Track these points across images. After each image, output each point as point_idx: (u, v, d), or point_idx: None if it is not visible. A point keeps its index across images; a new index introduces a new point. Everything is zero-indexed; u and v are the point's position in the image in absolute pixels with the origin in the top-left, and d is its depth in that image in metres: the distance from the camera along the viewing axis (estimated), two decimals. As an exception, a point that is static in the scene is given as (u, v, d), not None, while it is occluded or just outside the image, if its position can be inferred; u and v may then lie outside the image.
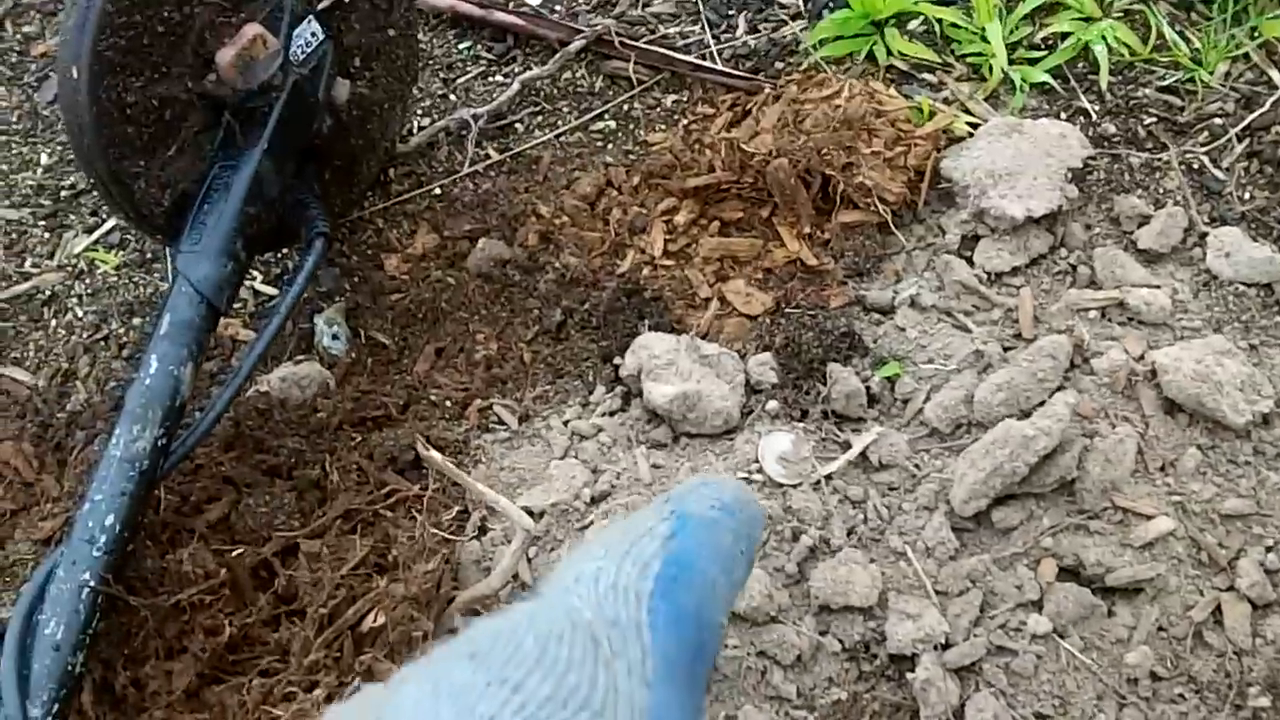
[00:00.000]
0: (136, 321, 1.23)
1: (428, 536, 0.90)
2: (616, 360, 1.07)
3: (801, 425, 0.99)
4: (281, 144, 1.08)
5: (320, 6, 1.09)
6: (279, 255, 1.26)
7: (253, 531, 0.95)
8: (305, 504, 0.98)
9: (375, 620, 0.83)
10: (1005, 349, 1.01)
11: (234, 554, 0.91)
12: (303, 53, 1.07)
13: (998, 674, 0.85)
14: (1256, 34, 1.19)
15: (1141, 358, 0.98)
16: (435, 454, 0.97)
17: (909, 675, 0.85)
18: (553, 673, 0.42)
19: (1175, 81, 1.20)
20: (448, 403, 1.08)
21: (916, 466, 0.96)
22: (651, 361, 1.02)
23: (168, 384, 0.94)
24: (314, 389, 1.09)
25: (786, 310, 1.07)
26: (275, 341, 1.15)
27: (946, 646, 0.86)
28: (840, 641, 0.88)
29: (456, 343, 1.12)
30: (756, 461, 0.96)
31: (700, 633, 0.47)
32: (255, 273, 1.25)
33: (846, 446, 0.98)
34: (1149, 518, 0.89)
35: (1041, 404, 0.95)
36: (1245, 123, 1.16)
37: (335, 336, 1.14)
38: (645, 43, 1.33)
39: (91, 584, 0.86)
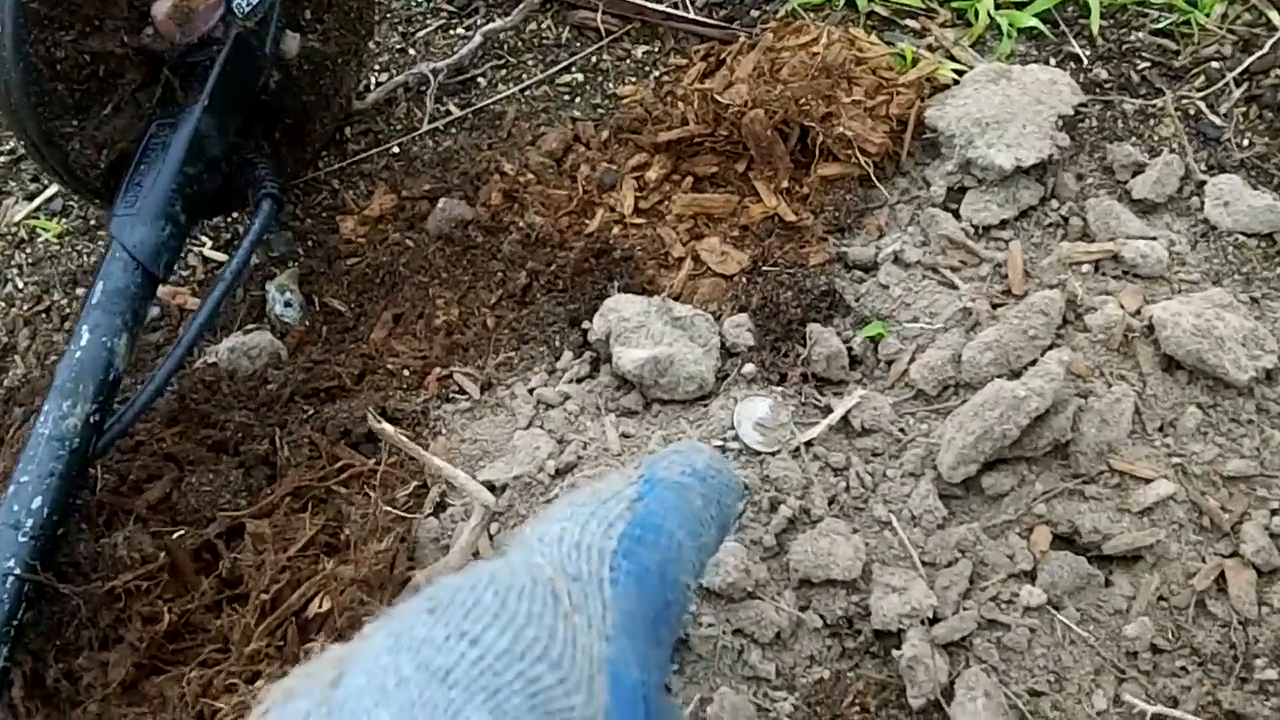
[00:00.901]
0: (80, 292, 1.16)
1: (381, 514, 0.84)
2: (584, 324, 1.01)
3: (780, 389, 0.94)
4: (225, 101, 1.01)
5: (263, -48, 1.02)
6: (229, 220, 1.19)
7: (195, 512, 0.89)
8: (253, 481, 0.92)
9: (321, 605, 0.77)
10: (994, 306, 0.95)
11: (174, 536, 0.85)
12: (247, 4, 1.00)
13: (989, 649, 0.80)
14: (1255, -28, 1.14)
15: (1138, 312, 0.93)
16: (388, 427, 0.91)
17: (895, 652, 0.79)
18: (511, 626, 0.42)
19: (1170, 24, 1.14)
20: (406, 372, 1.02)
21: (902, 431, 0.90)
22: (621, 325, 0.96)
23: (100, 356, 0.88)
24: (264, 359, 1.03)
25: (764, 269, 1.01)
26: (224, 310, 1.10)
27: (934, 621, 0.81)
28: (822, 617, 0.82)
29: (415, 308, 1.06)
30: (732, 428, 0.91)
31: (664, 591, 0.48)
32: (204, 238, 1.18)
33: (827, 411, 0.93)
34: (1148, 481, 0.84)
35: (1033, 363, 0.90)
36: (1243, 66, 1.10)
37: (288, 304, 1.08)
38: (613, -9, 1.26)
39: (17, 572, 0.80)
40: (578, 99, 1.21)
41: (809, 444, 0.90)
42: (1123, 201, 1.01)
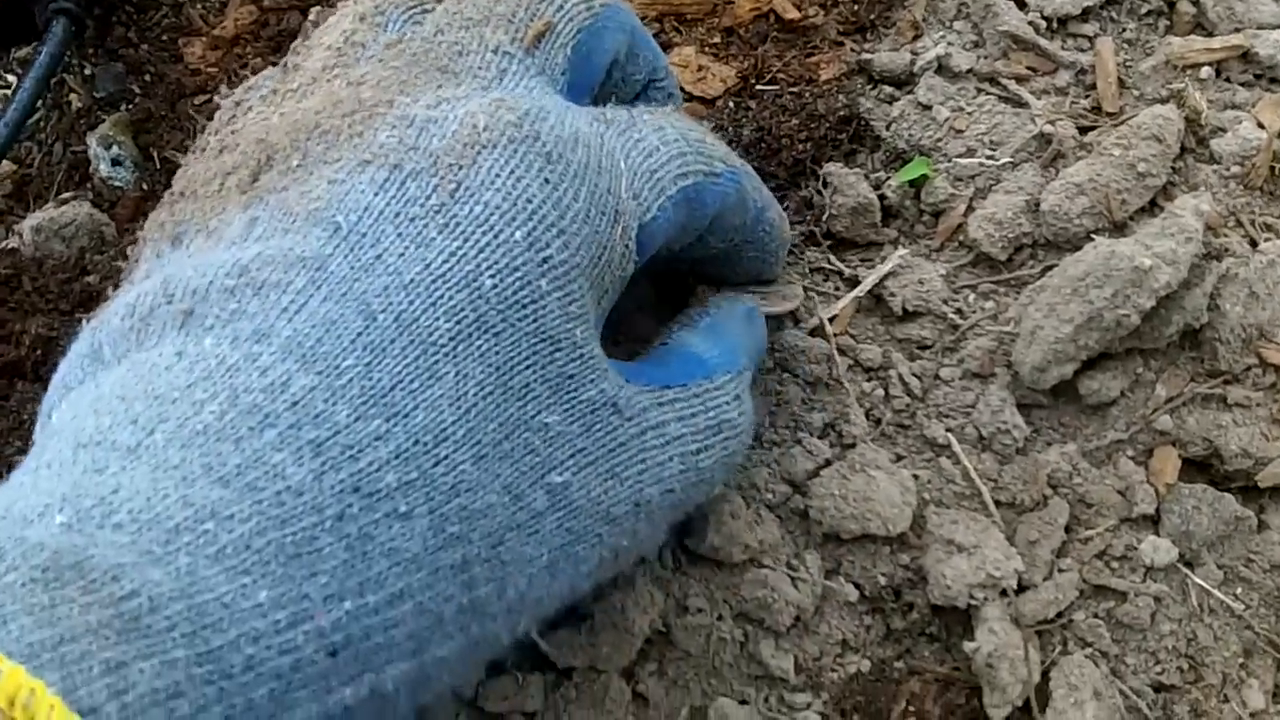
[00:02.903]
0: None
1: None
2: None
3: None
4: None
5: None
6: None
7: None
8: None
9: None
10: (1082, 130, 0.68)
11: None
12: None
13: (1097, 628, 0.57)
14: None
15: (1283, 133, 0.66)
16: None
17: (967, 644, 0.56)
18: None
19: None
20: (276, 250, 0.75)
21: (959, 313, 0.65)
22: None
23: None
24: (84, 240, 0.76)
25: (758, 88, 0.73)
26: (32, 174, 0.82)
27: (1019, 591, 0.57)
28: (858, 587, 0.59)
29: (286, 161, 0.78)
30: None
31: None
32: None
33: (854, 284, 0.67)
34: (1316, 377, 0.59)
35: (1144, 210, 0.64)
36: None
37: (117, 161, 0.80)
38: None
39: None
40: None
41: (832, 321, 0.65)
42: (1251, -25, 0.73)
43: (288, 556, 0.34)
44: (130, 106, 0.84)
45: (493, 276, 0.39)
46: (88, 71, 0.85)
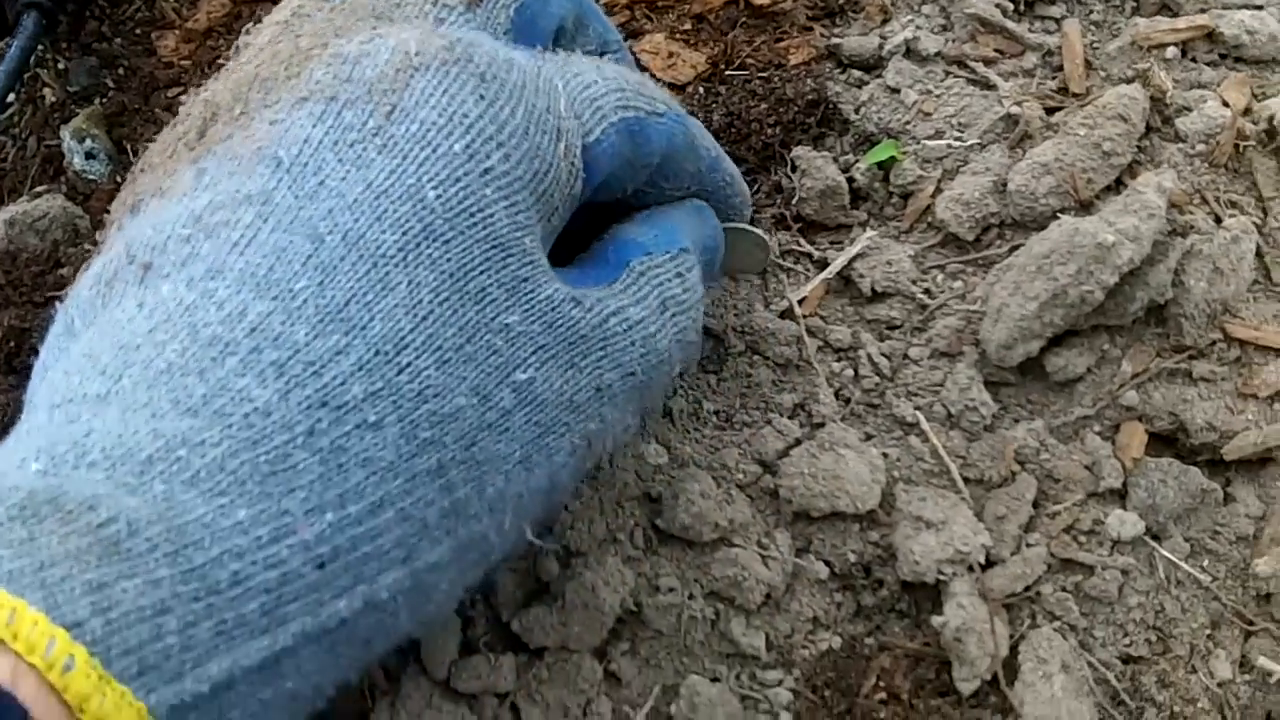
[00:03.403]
0: None
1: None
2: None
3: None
4: None
5: None
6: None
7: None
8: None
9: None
10: (1049, 111, 0.68)
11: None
12: None
13: (1065, 601, 0.57)
14: None
15: (1248, 111, 0.67)
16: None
17: (935, 618, 0.56)
18: None
19: None
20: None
21: (927, 293, 0.65)
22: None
23: None
24: (58, 233, 0.76)
25: (728, 73, 0.74)
26: (7, 167, 0.82)
27: (987, 566, 0.58)
28: (828, 564, 0.59)
29: (260, 152, 0.78)
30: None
31: None
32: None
33: (823, 266, 0.67)
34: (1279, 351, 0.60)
35: (1110, 189, 0.64)
36: None
37: (91, 154, 0.80)
38: None
39: None
40: None
41: (800, 303, 0.65)
42: (1215, -43, 0.73)
43: (263, 475, 0.35)
44: (104, 100, 0.84)
45: (436, 188, 0.40)
46: (61, 65, 0.85)
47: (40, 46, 0.80)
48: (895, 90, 0.71)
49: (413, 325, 0.38)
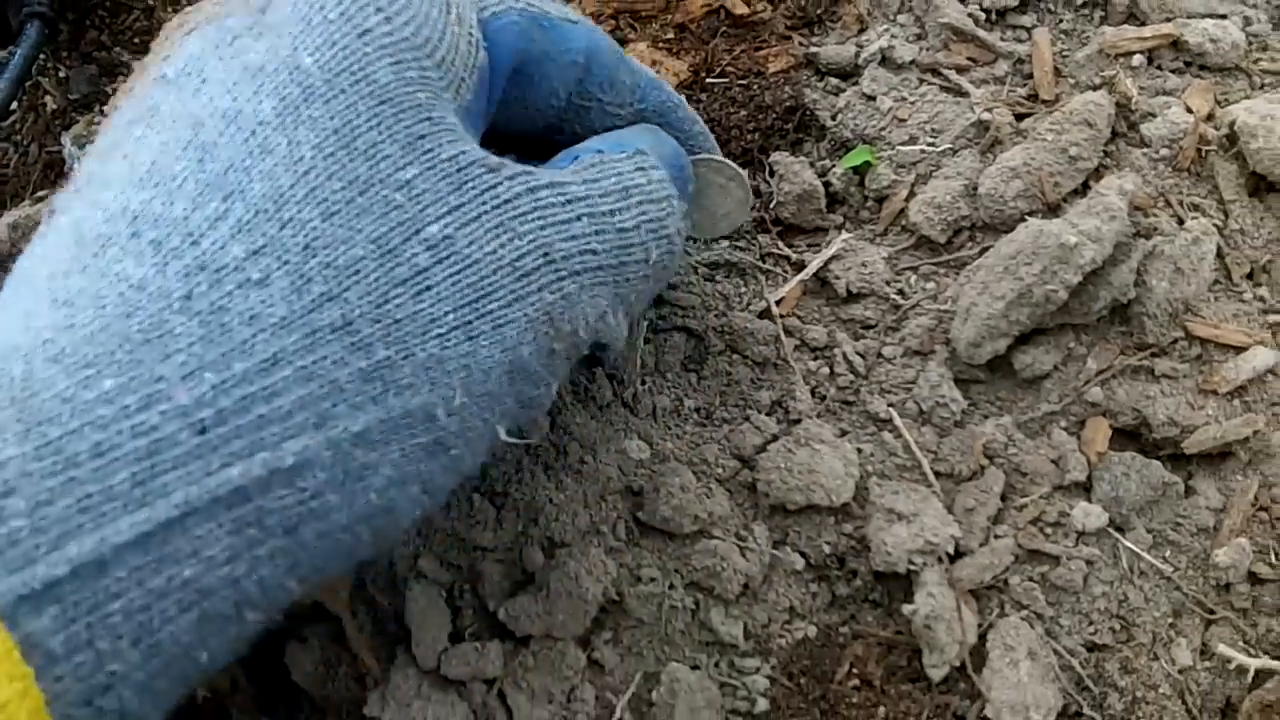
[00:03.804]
0: None
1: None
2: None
3: (733, 241, 0.70)
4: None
5: None
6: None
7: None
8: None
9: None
10: (1019, 117, 0.71)
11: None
12: None
13: (1031, 591, 0.59)
14: None
15: (1210, 117, 0.69)
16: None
17: (905, 607, 0.58)
18: None
19: None
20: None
21: (901, 294, 0.67)
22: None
23: None
24: (56, 237, 0.78)
25: (708, 81, 0.76)
26: (9, 173, 0.84)
27: (956, 556, 0.60)
28: (803, 555, 0.61)
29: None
30: (674, 302, 0.67)
31: None
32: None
33: (800, 267, 0.69)
34: (1239, 349, 0.62)
35: (1076, 193, 0.66)
36: None
37: (89, 160, 0.82)
38: None
39: None
40: None
41: (777, 302, 0.67)
42: (1182, -33, 0.76)
43: (135, 344, 0.34)
44: (104, 107, 0.85)
45: (312, 54, 0.40)
46: (62, 74, 0.87)
47: (42, 55, 0.82)
48: (871, 97, 0.73)
49: (293, 181, 0.38)
